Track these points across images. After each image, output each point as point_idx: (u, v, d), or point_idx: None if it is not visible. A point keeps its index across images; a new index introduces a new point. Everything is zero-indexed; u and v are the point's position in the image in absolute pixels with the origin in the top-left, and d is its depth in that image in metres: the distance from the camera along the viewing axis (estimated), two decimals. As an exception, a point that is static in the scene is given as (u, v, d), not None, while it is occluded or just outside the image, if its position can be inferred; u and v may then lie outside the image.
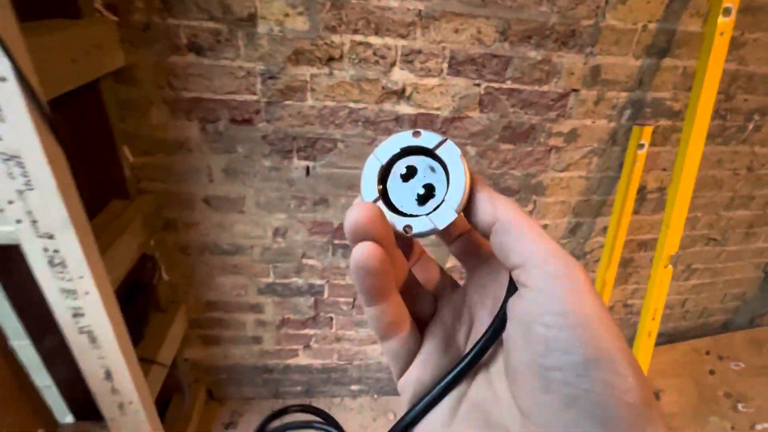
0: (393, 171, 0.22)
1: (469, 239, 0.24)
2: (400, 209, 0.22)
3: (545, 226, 1.23)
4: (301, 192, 1.07)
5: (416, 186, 0.22)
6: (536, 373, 0.16)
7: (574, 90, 1.02)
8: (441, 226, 0.20)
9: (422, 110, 1.00)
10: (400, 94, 0.97)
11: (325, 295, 1.27)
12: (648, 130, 1.08)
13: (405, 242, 0.25)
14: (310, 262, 1.20)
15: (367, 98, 0.97)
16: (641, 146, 1.09)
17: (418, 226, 0.21)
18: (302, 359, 1.41)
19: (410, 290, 0.23)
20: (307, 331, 1.35)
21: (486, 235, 0.20)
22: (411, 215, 0.21)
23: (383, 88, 0.96)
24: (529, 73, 0.98)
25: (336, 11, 0.87)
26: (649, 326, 1.11)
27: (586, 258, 1.35)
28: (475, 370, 0.21)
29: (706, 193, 1.31)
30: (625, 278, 1.46)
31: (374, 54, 0.92)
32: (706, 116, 0.94)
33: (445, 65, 0.95)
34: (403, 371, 0.22)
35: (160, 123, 0.94)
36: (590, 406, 0.15)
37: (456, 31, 0.91)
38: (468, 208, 0.21)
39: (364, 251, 0.18)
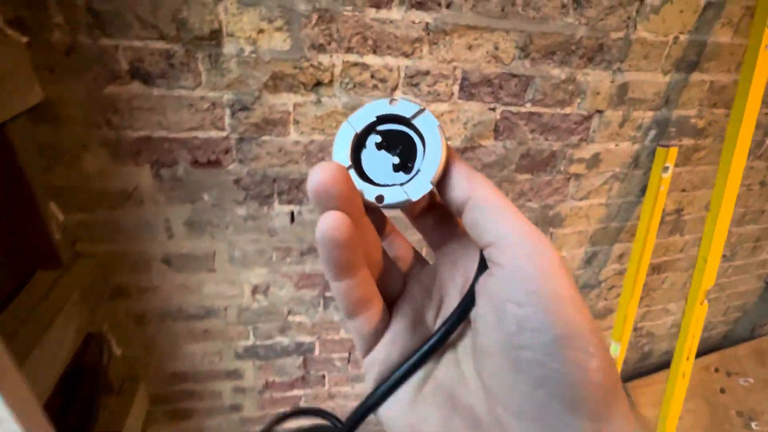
0: (368, 140, 0.21)
1: (439, 214, 0.23)
2: (373, 179, 0.21)
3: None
4: (285, 242, 0.88)
5: (390, 155, 0.21)
6: (506, 353, 0.16)
7: (599, 111, 0.89)
8: (415, 198, 0.20)
9: (429, 141, 0.83)
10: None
11: (316, 352, 1.08)
12: (673, 152, 0.97)
13: (377, 216, 0.23)
14: (298, 318, 1.01)
15: (364, 130, 0.79)
16: (666, 169, 0.98)
17: (391, 196, 0.20)
18: (291, 422, 1.22)
19: (380, 266, 0.22)
20: (295, 392, 1.16)
21: (459, 212, 0.19)
22: (384, 185, 0.20)
23: (383, 117, 0.79)
24: (552, 95, 0.84)
25: (324, 26, 0.69)
26: (684, 367, 1.00)
27: (600, 287, 1.24)
28: (443, 349, 0.20)
29: (721, 211, 1.23)
30: (636, 302, 1.36)
31: (372, 77, 0.75)
32: (746, 143, 0.83)
33: (456, 88, 0.79)
34: (369, 350, 0.21)
35: (98, 170, 0.72)
36: (559, 387, 0.15)
37: (470, 47, 0.76)
38: (442, 182, 0.20)
39: (331, 221, 0.17)
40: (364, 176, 0.20)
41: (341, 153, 0.20)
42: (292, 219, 0.86)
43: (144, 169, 0.74)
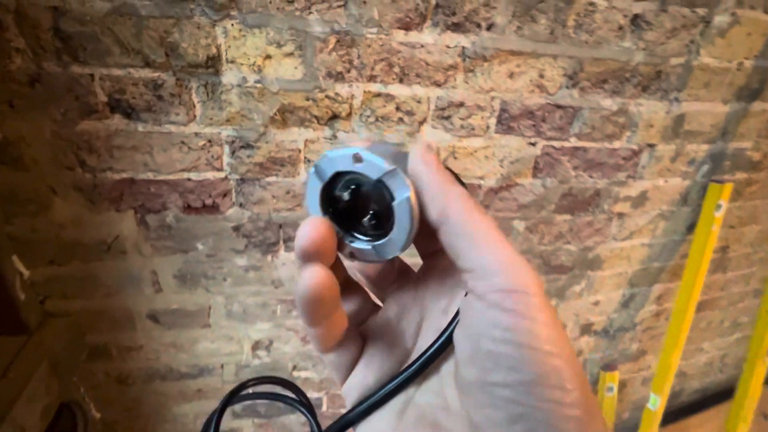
0: (338, 189, 0.20)
1: (423, 229, 0.20)
2: (343, 229, 0.20)
3: (596, 303, 1.00)
4: (291, 293, 0.77)
5: (361, 209, 0.19)
6: (482, 388, 0.15)
7: (650, 145, 0.78)
8: (386, 257, 0.19)
9: (460, 180, 0.72)
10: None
11: (324, 408, 0.96)
12: (728, 188, 0.86)
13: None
14: (304, 374, 0.89)
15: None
16: (719, 207, 0.87)
17: (361, 252, 0.20)
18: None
19: (349, 292, 0.22)
20: (299, 449, 1.03)
21: (435, 228, 0.18)
22: (355, 238, 0.20)
23: (409, 154, 0.67)
24: (600, 127, 0.73)
25: (344, 51, 0.58)
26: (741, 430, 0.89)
27: (635, 329, 1.12)
28: (426, 374, 0.19)
29: (766, 247, 1.12)
30: (670, 343, 1.25)
31: (397, 109, 0.64)
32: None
33: (493, 121, 0.68)
34: (346, 377, 0.21)
35: (70, 219, 0.61)
36: (536, 424, 0.14)
37: (511, 75, 0.65)
38: (417, 197, 0.18)
39: (315, 278, 0.17)
40: (336, 219, 0.20)
41: (312, 202, 0.20)
42: (300, 268, 0.75)
43: (126, 216, 0.63)
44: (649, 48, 0.67)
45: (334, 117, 0.62)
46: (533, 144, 0.72)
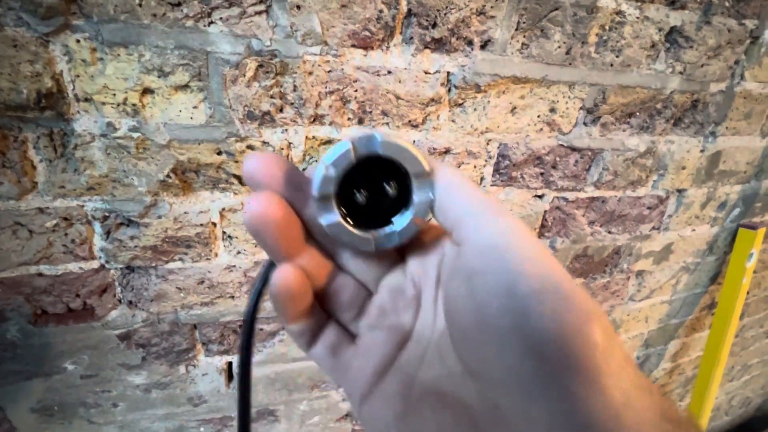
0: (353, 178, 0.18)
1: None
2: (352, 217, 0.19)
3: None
4: (219, 410, 0.55)
5: (364, 198, 0.19)
6: (483, 328, 0.14)
7: (679, 190, 0.62)
8: (384, 247, 0.19)
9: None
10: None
11: None
12: (760, 234, 0.72)
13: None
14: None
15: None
16: (750, 257, 0.73)
17: (352, 236, 0.18)
18: None
19: (332, 288, 0.20)
20: None
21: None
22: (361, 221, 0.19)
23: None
24: (624, 173, 0.56)
25: (270, 80, 0.38)
26: None
27: (647, 390, 0.96)
28: (424, 347, 0.18)
29: (783, 287, 1.00)
30: (681, 396, 1.11)
31: (357, 161, 0.44)
32: None
33: (489, 170, 0.50)
34: (339, 368, 0.20)
35: None
36: (544, 347, 0.13)
37: (513, 110, 0.47)
38: None
39: (285, 276, 0.17)
40: (339, 207, 0.18)
41: (327, 177, 0.17)
42: (230, 376, 0.53)
43: (-63, 336, 0.40)
44: (687, 71, 0.51)
45: (264, 175, 0.42)
46: (540, 197, 0.54)
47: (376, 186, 0.19)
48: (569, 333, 0.12)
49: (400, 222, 0.18)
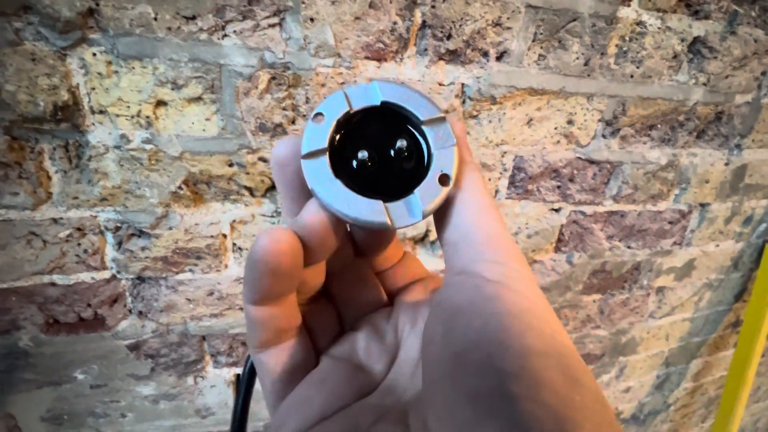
0: (360, 126, 0.15)
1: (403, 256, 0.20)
2: (348, 180, 0.14)
3: (626, 390, 0.80)
4: (226, 422, 0.54)
5: (377, 158, 0.15)
6: (454, 370, 0.12)
7: (702, 205, 0.60)
8: (398, 225, 0.14)
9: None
10: (419, 241, 0.49)
11: None
12: (789, 251, 0.69)
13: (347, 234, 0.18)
14: None
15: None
16: (778, 274, 0.70)
17: (363, 212, 0.14)
18: None
19: (319, 308, 0.18)
20: None
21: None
22: (361, 195, 0.14)
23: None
24: (644, 187, 0.55)
25: (283, 92, 0.38)
26: None
27: (668, 410, 0.93)
28: (389, 405, 0.16)
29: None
30: (703, 417, 1.06)
31: (369, 173, 0.44)
32: None
33: (504, 183, 0.49)
34: (283, 393, 0.17)
35: None
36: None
37: (529, 122, 0.46)
38: None
39: (276, 242, 0.13)
40: (337, 170, 0.14)
41: (319, 130, 0.14)
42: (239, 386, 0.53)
43: (-48, 344, 0.40)
44: (710, 82, 0.50)
45: (273, 187, 0.42)
46: (557, 210, 0.53)
47: (382, 149, 0.15)
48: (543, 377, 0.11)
49: (421, 186, 0.15)
